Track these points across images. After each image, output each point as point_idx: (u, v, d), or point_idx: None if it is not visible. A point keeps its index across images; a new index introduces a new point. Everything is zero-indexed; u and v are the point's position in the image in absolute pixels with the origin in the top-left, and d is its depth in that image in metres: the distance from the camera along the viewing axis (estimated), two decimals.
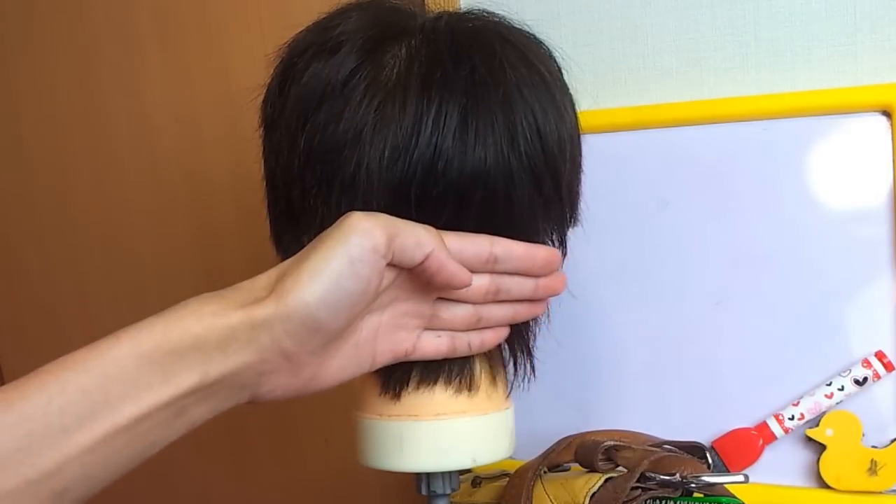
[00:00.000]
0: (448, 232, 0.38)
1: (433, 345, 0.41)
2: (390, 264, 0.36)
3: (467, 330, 0.42)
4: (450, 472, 0.45)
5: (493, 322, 0.42)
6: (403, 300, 0.40)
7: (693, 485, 0.47)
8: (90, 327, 1.00)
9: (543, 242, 0.44)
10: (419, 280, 0.38)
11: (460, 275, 0.38)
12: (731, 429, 0.67)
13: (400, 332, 0.40)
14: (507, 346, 0.46)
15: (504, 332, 0.43)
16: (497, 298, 0.41)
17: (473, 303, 0.41)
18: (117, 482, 0.33)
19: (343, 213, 0.39)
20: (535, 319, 0.46)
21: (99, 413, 0.30)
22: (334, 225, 0.36)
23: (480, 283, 0.40)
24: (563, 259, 0.46)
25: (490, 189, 0.39)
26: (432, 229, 0.37)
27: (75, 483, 0.30)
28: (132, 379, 0.31)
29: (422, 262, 0.36)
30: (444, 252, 0.37)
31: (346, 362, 0.38)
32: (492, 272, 0.40)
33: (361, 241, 0.34)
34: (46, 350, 1.04)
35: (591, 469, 0.51)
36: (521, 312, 0.43)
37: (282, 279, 0.34)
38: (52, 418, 0.30)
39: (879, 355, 0.63)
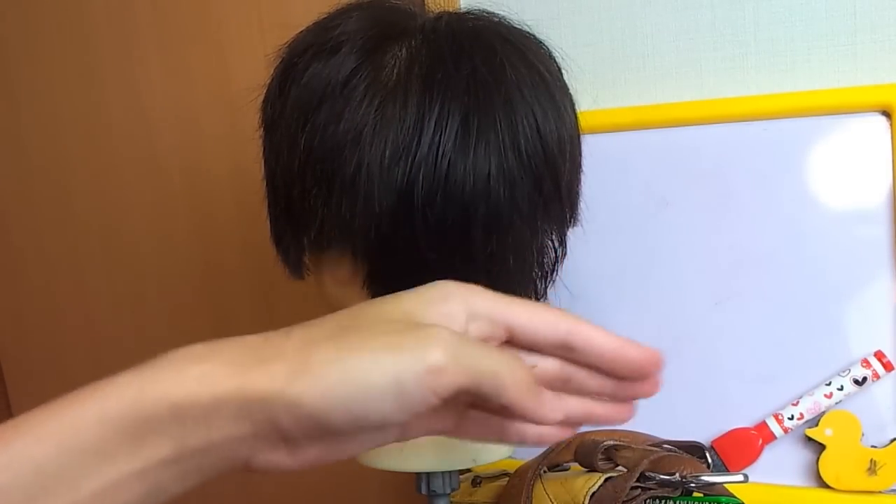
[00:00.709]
0: (521, 301, 0.31)
1: (478, 429, 0.33)
2: None
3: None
4: (450, 472, 0.45)
5: (560, 419, 0.32)
6: None
7: (693, 484, 0.47)
8: (90, 327, 1.00)
9: (543, 242, 0.44)
10: None
11: (541, 415, 0.30)
12: (730, 428, 0.67)
13: (441, 413, 0.31)
14: None
15: (569, 432, 0.34)
16: (565, 390, 0.33)
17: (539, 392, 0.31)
18: None
19: (343, 214, 0.39)
20: None
21: (52, 493, 0.26)
22: (422, 314, 0.29)
23: (546, 366, 0.32)
24: (563, 259, 0.46)
25: (492, 189, 0.39)
26: (513, 363, 0.29)
27: None
28: (93, 449, 0.26)
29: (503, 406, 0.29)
30: (530, 399, 0.29)
31: (360, 445, 0.30)
32: (565, 359, 0.32)
33: (429, 379, 0.26)
34: (46, 350, 1.04)
35: (591, 469, 0.51)
36: (599, 416, 0.34)
37: (309, 349, 0.28)
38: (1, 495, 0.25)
39: (879, 355, 0.63)
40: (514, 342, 0.31)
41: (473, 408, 0.32)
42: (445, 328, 0.28)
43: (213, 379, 0.27)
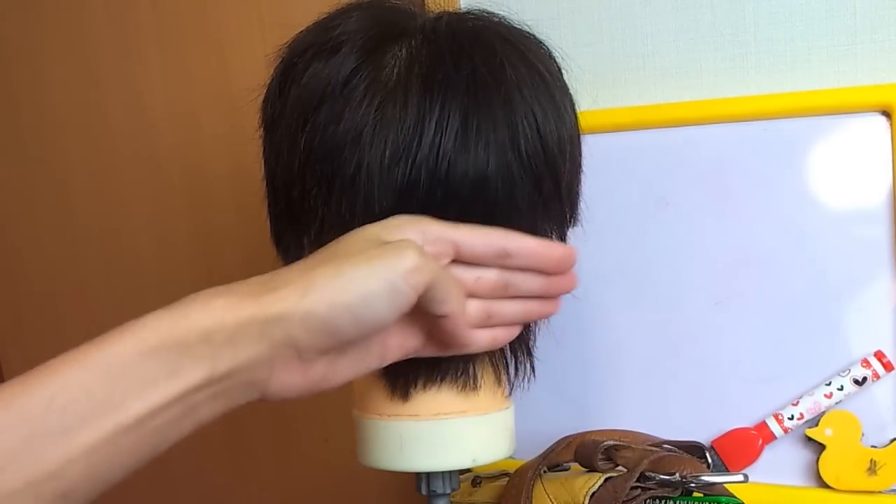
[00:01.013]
0: (463, 225, 0.38)
1: (442, 341, 0.40)
2: None
3: (477, 327, 0.40)
4: (450, 472, 0.45)
5: (505, 320, 0.41)
6: (413, 310, 0.39)
7: (693, 484, 0.47)
8: (90, 326, 0.99)
9: None
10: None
11: (469, 339, 0.39)
12: (730, 428, 0.67)
13: (409, 329, 0.39)
14: (507, 346, 0.46)
15: (515, 331, 0.42)
16: (506, 294, 0.40)
17: (481, 297, 0.39)
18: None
19: (343, 214, 0.40)
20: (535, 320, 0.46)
21: (102, 412, 0.29)
22: (387, 237, 0.35)
23: (489, 276, 0.39)
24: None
25: (492, 189, 0.39)
26: (459, 287, 0.37)
27: (79, 484, 0.29)
28: (137, 375, 0.30)
29: (439, 317, 0.37)
30: (461, 319, 0.37)
31: (356, 360, 0.37)
32: (502, 267, 0.39)
33: (409, 276, 0.33)
34: (47, 349, 1.03)
35: (591, 469, 0.51)
36: (532, 311, 0.42)
37: (311, 273, 0.33)
38: (54, 418, 0.29)
39: (879, 355, 0.63)
40: (460, 258, 0.38)
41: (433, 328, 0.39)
42: (410, 240, 0.35)
43: (236, 307, 0.32)
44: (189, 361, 0.31)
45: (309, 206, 0.41)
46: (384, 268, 0.33)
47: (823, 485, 0.64)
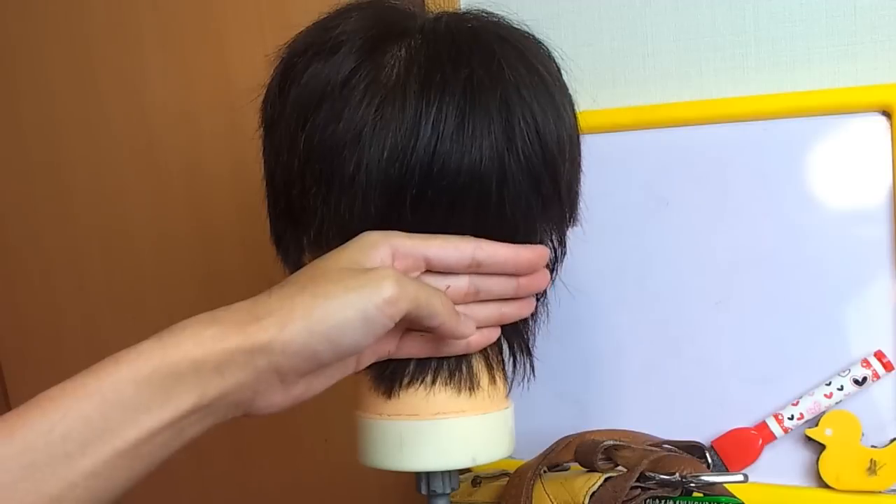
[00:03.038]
0: (434, 237, 0.39)
1: (416, 345, 0.42)
2: None
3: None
4: (450, 472, 0.45)
5: (480, 323, 0.42)
6: None
7: (692, 484, 0.47)
8: (90, 327, 1.00)
9: (542, 242, 0.44)
10: None
11: (463, 332, 0.40)
12: (730, 428, 0.67)
13: (384, 339, 0.40)
14: (506, 346, 0.46)
15: (492, 334, 0.43)
16: (478, 298, 0.41)
17: (453, 303, 0.40)
18: None
19: (343, 214, 0.40)
20: (534, 319, 0.46)
21: (101, 438, 0.31)
22: (364, 261, 0.37)
23: (459, 284, 0.40)
24: (563, 259, 0.46)
25: (484, 190, 0.39)
26: (443, 296, 0.38)
27: None
28: (132, 403, 0.32)
29: (430, 328, 0.38)
30: (454, 320, 0.39)
31: (333, 374, 0.39)
32: (474, 274, 0.41)
33: (385, 308, 0.35)
34: (47, 350, 1.04)
35: (591, 468, 0.51)
36: (507, 313, 0.43)
37: (290, 302, 0.35)
38: (55, 447, 0.30)
39: (879, 355, 0.63)
40: (431, 269, 0.40)
41: (409, 331, 0.41)
42: (389, 268, 0.37)
43: (223, 337, 0.34)
44: (180, 389, 0.33)
45: (308, 205, 0.41)
46: (360, 299, 0.35)
47: (823, 485, 0.64)
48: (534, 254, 0.42)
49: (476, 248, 0.40)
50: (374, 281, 0.35)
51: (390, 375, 0.43)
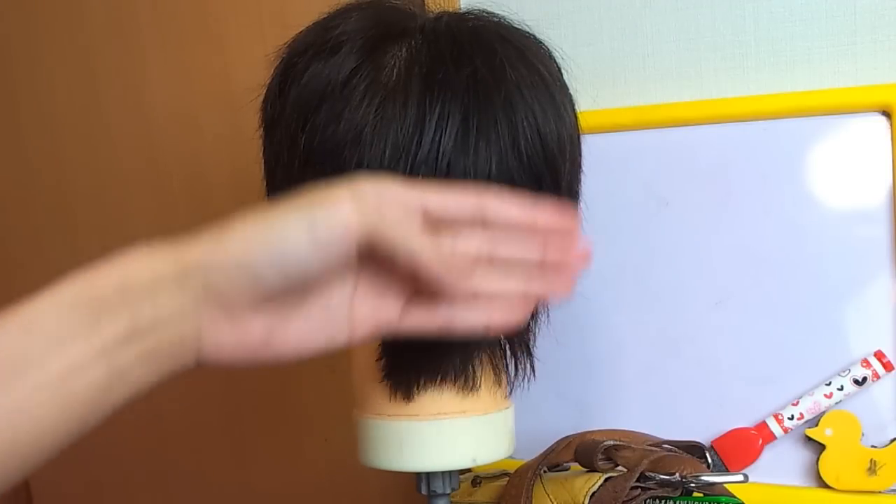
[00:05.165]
0: (429, 188, 0.34)
1: (425, 319, 0.35)
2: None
3: (464, 304, 0.35)
4: (450, 472, 0.45)
5: (499, 296, 0.35)
6: (381, 268, 0.34)
7: (693, 484, 0.47)
8: None
9: None
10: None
11: (454, 282, 0.34)
12: (730, 428, 0.67)
13: (382, 299, 0.35)
14: (507, 346, 0.46)
15: (516, 314, 0.35)
16: (494, 266, 0.35)
17: (464, 268, 0.34)
18: (116, 480, 0.31)
19: None
20: (534, 319, 0.46)
21: (21, 371, 0.28)
22: (321, 189, 0.32)
23: (470, 243, 0.34)
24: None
25: (492, 189, 0.39)
26: (414, 228, 0.33)
27: (4, 450, 0.28)
28: (54, 332, 0.29)
29: (410, 267, 0.33)
30: (429, 259, 0.33)
31: (313, 328, 0.34)
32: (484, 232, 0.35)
33: (334, 224, 0.31)
34: None
35: (591, 469, 0.51)
36: (534, 290, 0.36)
37: (231, 225, 0.32)
38: None
39: (879, 355, 0.63)
40: (433, 222, 0.33)
41: (413, 302, 0.35)
42: (349, 190, 0.32)
43: (152, 261, 0.31)
44: (106, 315, 0.30)
45: None
46: (307, 215, 0.31)
47: (823, 485, 0.64)
48: (558, 216, 0.35)
49: (479, 197, 0.34)
50: (327, 199, 0.31)
51: (406, 380, 0.42)
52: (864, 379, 0.63)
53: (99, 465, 1.00)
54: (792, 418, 0.65)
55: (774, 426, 0.65)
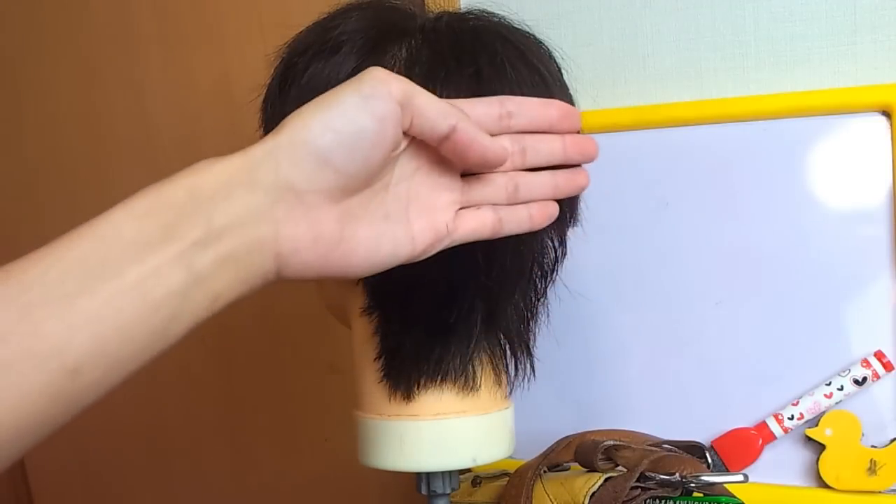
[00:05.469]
0: (452, 99, 0.36)
1: (476, 219, 0.38)
2: (410, 135, 0.35)
3: (509, 204, 0.38)
4: (450, 472, 0.45)
5: (536, 193, 0.39)
6: (427, 172, 0.37)
7: (693, 484, 0.47)
8: None
9: (543, 242, 0.44)
10: (447, 158, 0.37)
11: (494, 147, 0.36)
12: (730, 428, 0.67)
13: (434, 207, 0.37)
14: (507, 346, 0.46)
15: (552, 209, 0.40)
16: (526, 161, 0.38)
17: (502, 169, 0.38)
18: (116, 478, 0.31)
19: None
20: (534, 319, 0.46)
21: (100, 276, 0.28)
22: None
23: (502, 143, 0.37)
24: (564, 259, 0.46)
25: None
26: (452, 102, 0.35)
27: (88, 360, 0.28)
28: (131, 239, 0.29)
29: (448, 136, 0.34)
30: (471, 124, 0.35)
31: (378, 233, 0.35)
32: (510, 132, 0.38)
33: (376, 83, 0.32)
34: None
35: (591, 469, 0.51)
36: (561, 184, 0.40)
37: (284, 120, 0.33)
38: (52, 286, 0.28)
39: (879, 355, 0.63)
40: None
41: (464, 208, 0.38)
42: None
43: (221, 165, 0.32)
44: (181, 221, 0.30)
45: None
46: (354, 84, 0.33)
47: (823, 485, 0.64)
48: (563, 106, 0.39)
49: (502, 99, 0.37)
50: (365, 71, 0.33)
51: (406, 380, 0.42)
52: (864, 379, 0.63)
53: (99, 463, 1.00)
54: (792, 418, 0.65)
55: (774, 426, 0.65)
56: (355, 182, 0.34)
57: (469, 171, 0.38)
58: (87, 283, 0.28)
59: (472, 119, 0.35)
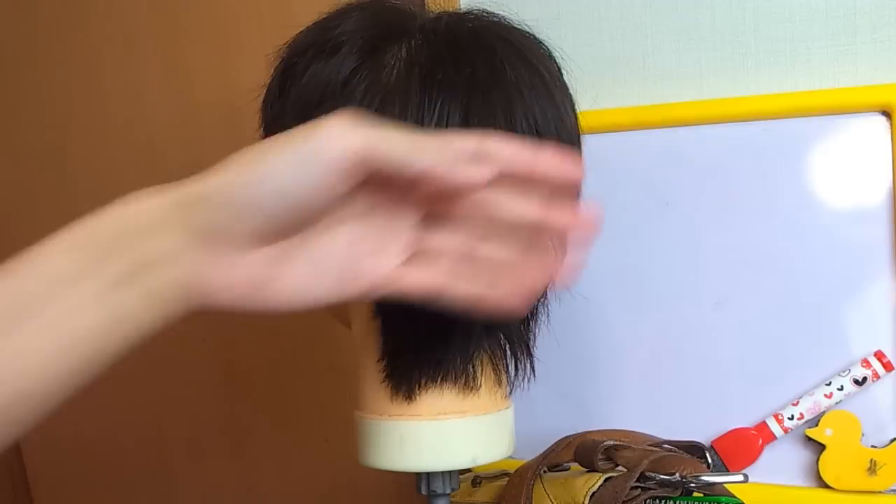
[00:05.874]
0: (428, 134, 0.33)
1: (424, 273, 0.34)
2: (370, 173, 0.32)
3: (462, 267, 0.34)
4: (450, 472, 0.45)
5: (495, 261, 0.34)
6: (384, 212, 0.34)
7: (693, 484, 0.47)
8: None
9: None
10: (410, 200, 0.34)
11: (466, 173, 0.32)
12: (730, 428, 0.67)
13: (382, 250, 0.34)
14: (507, 346, 0.46)
15: (519, 290, 0.34)
16: (493, 222, 0.34)
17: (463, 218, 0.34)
18: (116, 480, 0.31)
19: None
20: (534, 319, 0.46)
21: (20, 315, 0.28)
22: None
23: (478, 168, 0.32)
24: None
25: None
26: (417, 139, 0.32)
27: (7, 399, 0.28)
28: (53, 274, 0.29)
29: (419, 178, 0.32)
30: (443, 160, 0.32)
31: (313, 273, 0.34)
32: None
33: (332, 134, 0.30)
34: None
35: (591, 469, 0.51)
36: (534, 262, 0.34)
37: (226, 162, 0.33)
38: None
39: (879, 355, 0.63)
40: None
41: (414, 257, 0.35)
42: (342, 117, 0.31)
43: (148, 203, 0.31)
44: (104, 258, 0.30)
45: None
46: (306, 139, 0.31)
47: (823, 485, 0.64)
48: (556, 160, 0.33)
49: (484, 138, 0.33)
50: (323, 124, 0.31)
51: (408, 380, 0.42)
52: (864, 379, 0.63)
53: (99, 463, 1.00)
54: (792, 418, 0.65)
55: (774, 426, 0.65)
56: (289, 228, 0.33)
57: (440, 204, 0.34)
58: (8, 324, 0.28)
59: (446, 156, 0.32)
